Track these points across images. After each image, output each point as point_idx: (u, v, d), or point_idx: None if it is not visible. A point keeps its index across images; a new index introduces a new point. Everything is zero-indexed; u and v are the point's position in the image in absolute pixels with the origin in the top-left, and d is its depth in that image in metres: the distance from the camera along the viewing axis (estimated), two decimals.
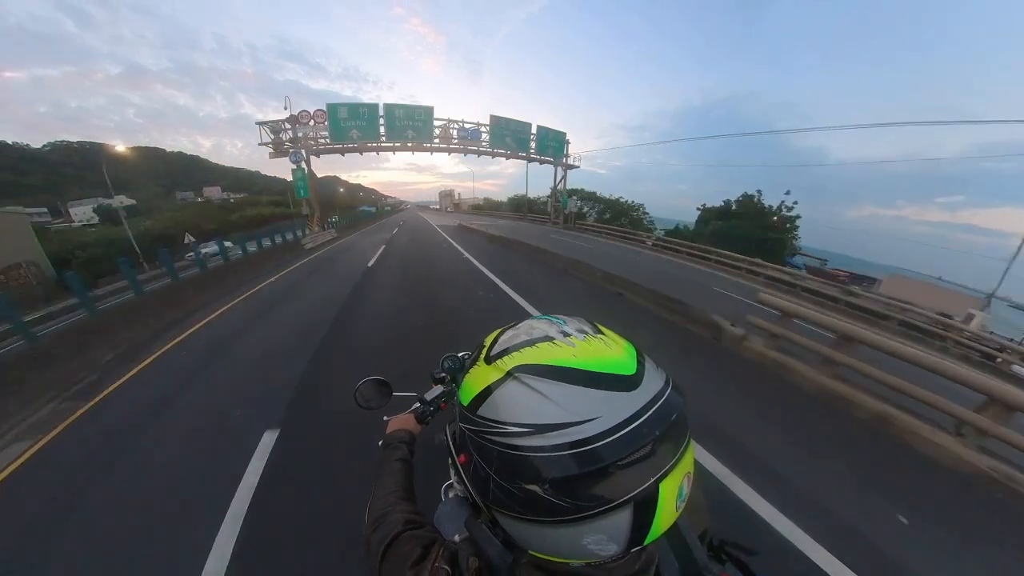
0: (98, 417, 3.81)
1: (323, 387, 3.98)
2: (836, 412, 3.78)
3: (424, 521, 0.70)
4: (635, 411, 0.43)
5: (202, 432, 3.37)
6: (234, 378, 4.41)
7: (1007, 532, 2.51)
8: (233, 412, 3.61)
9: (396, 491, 0.80)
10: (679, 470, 0.45)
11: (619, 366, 0.48)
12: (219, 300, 8.15)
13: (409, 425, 1.06)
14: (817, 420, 3.66)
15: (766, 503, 2.49)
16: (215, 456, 3.03)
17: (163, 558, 2.17)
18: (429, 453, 1.09)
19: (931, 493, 2.82)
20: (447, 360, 1.18)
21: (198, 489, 2.71)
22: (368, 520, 0.73)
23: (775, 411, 3.76)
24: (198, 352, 5.26)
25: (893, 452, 3.25)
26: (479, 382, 0.52)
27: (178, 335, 5.95)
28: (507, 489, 0.45)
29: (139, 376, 4.68)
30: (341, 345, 5.08)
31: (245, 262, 11.98)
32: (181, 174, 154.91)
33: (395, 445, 0.96)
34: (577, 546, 0.44)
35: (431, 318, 6.07)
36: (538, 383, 0.46)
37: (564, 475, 0.41)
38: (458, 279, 8.90)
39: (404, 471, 0.88)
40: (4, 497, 2.83)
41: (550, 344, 0.51)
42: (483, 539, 0.50)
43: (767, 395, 4.08)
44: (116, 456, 3.14)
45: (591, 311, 6.67)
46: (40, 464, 3.18)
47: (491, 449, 0.46)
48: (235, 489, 2.62)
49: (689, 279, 12.13)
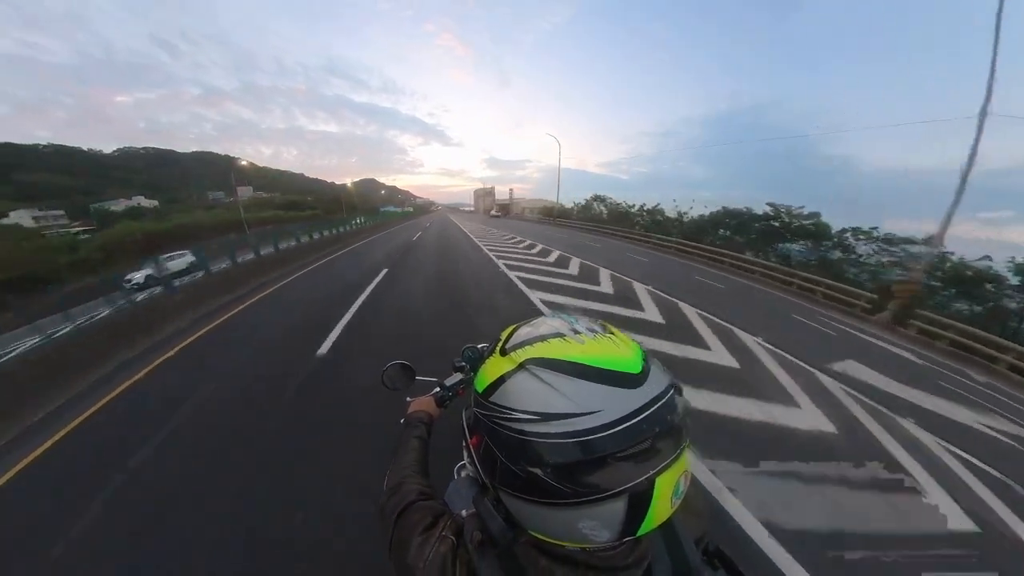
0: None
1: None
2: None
3: (435, 495, 0.74)
4: (637, 407, 0.45)
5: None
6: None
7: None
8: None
9: (412, 466, 0.85)
10: (676, 468, 0.46)
11: (625, 364, 0.50)
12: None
13: (429, 407, 1.11)
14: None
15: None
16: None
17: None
18: (444, 435, 1.13)
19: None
20: (467, 350, 1.25)
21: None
22: (386, 488, 0.79)
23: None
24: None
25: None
26: (494, 372, 0.55)
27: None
28: (512, 471, 0.48)
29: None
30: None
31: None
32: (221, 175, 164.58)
33: (415, 424, 1.01)
34: (572, 529, 0.46)
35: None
36: (547, 375, 0.49)
37: (565, 461, 0.44)
38: None
39: (421, 449, 0.93)
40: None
41: (561, 340, 0.53)
42: (487, 516, 0.53)
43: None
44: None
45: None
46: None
47: (500, 433, 0.49)
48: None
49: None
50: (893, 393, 4.97)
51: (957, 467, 3.46)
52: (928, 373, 6.30)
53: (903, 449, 3.59)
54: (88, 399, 4.08)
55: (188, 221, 35.67)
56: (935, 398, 5.07)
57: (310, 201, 72.61)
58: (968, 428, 4.38)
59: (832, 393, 4.61)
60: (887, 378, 5.42)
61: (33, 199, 76.13)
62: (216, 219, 40.89)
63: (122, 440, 3.29)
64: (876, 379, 5.35)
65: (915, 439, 3.84)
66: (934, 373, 6.37)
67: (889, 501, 2.90)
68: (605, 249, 17.09)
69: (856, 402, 4.46)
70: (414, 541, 0.60)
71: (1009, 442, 4.18)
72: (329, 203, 66.53)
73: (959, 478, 3.31)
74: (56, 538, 2.34)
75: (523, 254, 13.83)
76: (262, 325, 6.22)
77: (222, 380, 4.29)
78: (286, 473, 2.76)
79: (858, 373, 5.47)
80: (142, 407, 3.88)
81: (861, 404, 4.42)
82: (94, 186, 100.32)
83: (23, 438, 3.50)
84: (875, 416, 4.17)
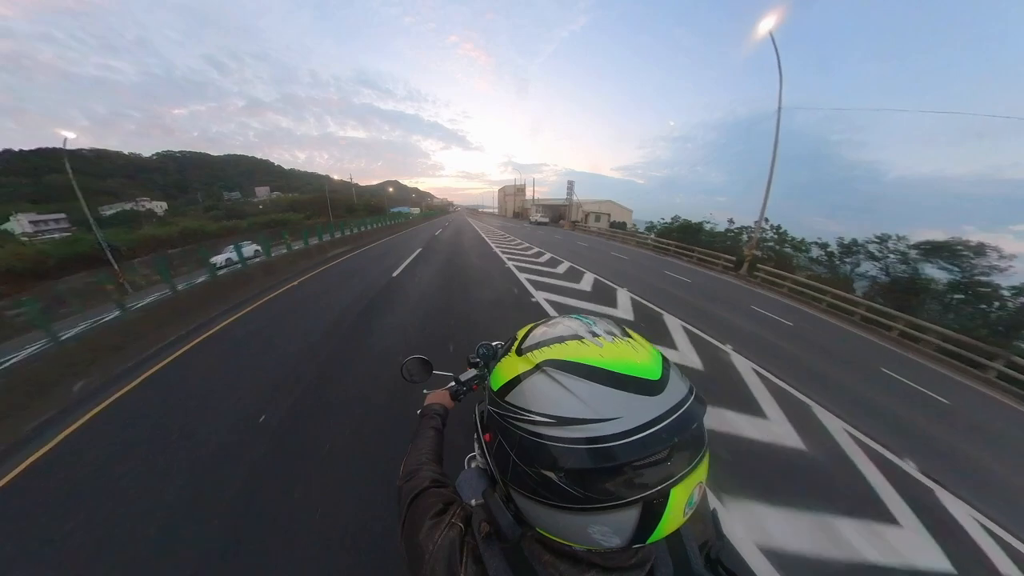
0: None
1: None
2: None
3: (448, 483, 0.77)
4: (655, 416, 0.44)
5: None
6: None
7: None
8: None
9: (428, 454, 0.89)
10: (692, 478, 0.45)
11: (644, 370, 0.48)
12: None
13: (444, 400, 1.17)
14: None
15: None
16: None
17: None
18: (457, 428, 1.22)
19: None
20: (482, 347, 1.26)
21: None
22: (402, 472, 0.83)
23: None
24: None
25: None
26: (510, 371, 0.55)
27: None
28: (525, 471, 0.47)
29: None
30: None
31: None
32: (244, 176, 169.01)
33: (431, 415, 1.07)
34: (582, 533, 0.46)
35: None
36: (564, 378, 0.48)
37: (579, 467, 0.43)
38: None
39: (436, 439, 0.97)
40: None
41: (579, 343, 0.52)
42: (496, 509, 0.53)
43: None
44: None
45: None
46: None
47: (514, 433, 0.49)
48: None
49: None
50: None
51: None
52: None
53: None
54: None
55: (162, 233, 32.86)
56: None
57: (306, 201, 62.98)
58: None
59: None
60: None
61: (52, 200, 73.61)
62: (199, 225, 38.27)
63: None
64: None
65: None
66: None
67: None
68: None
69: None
70: (425, 524, 0.62)
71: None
72: (320, 205, 54.73)
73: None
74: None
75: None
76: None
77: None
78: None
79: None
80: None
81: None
82: (122, 187, 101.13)
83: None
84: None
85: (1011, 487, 3.62)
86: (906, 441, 4.00)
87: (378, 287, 7.99)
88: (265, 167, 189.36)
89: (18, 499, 2.60)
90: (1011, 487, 3.62)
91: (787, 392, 4.60)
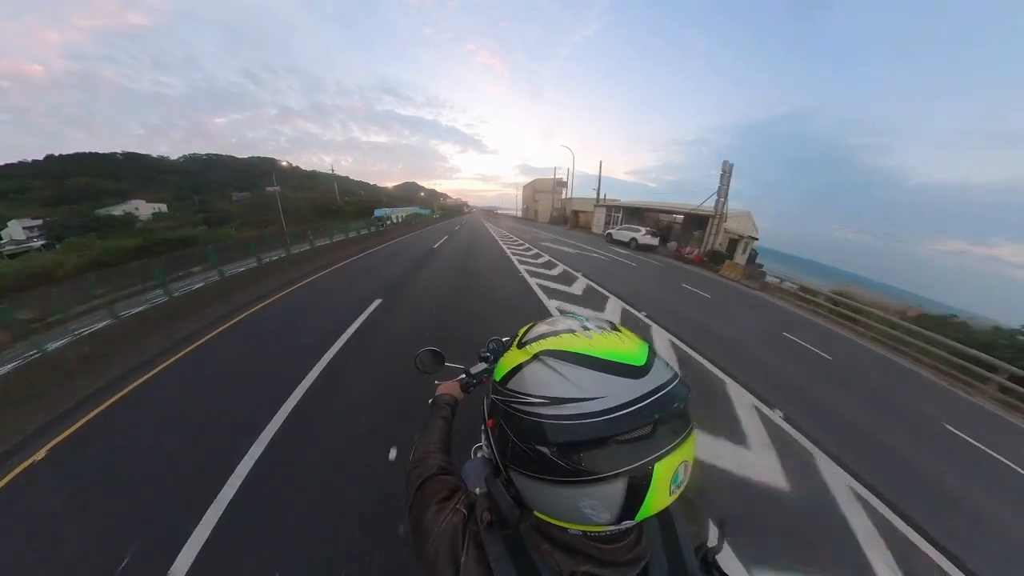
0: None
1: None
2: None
3: (454, 471, 0.81)
4: (639, 395, 0.48)
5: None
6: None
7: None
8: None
9: (436, 443, 0.94)
10: (676, 455, 0.48)
11: (630, 357, 0.54)
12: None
13: (455, 391, 1.21)
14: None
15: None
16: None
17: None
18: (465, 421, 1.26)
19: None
20: (492, 342, 1.33)
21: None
22: (411, 459, 0.87)
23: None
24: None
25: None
26: (511, 362, 0.61)
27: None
28: (522, 449, 0.52)
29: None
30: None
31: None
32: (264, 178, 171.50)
33: (441, 405, 1.11)
34: (574, 509, 0.50)
35: None
36: (558, 364, 0.54)
37: (568, 441, 0.48)
38: None
39: (445, 428, 1.02)
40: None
41: (572, 335, 0.59)
42: (498, 494, 0.57)
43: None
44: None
45: None
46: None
47: (514, 415, 0.54)
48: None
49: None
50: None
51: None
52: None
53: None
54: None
55: (130, 244, 25.90)
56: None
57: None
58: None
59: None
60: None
61: (64, 203, 71.56)
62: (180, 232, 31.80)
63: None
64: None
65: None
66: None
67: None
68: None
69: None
70: (431, 508, 0.67)
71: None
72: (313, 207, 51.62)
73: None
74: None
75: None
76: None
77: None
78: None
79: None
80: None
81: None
82: (138, 186, 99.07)
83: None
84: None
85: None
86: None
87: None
88: (285, 169, 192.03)
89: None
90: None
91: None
